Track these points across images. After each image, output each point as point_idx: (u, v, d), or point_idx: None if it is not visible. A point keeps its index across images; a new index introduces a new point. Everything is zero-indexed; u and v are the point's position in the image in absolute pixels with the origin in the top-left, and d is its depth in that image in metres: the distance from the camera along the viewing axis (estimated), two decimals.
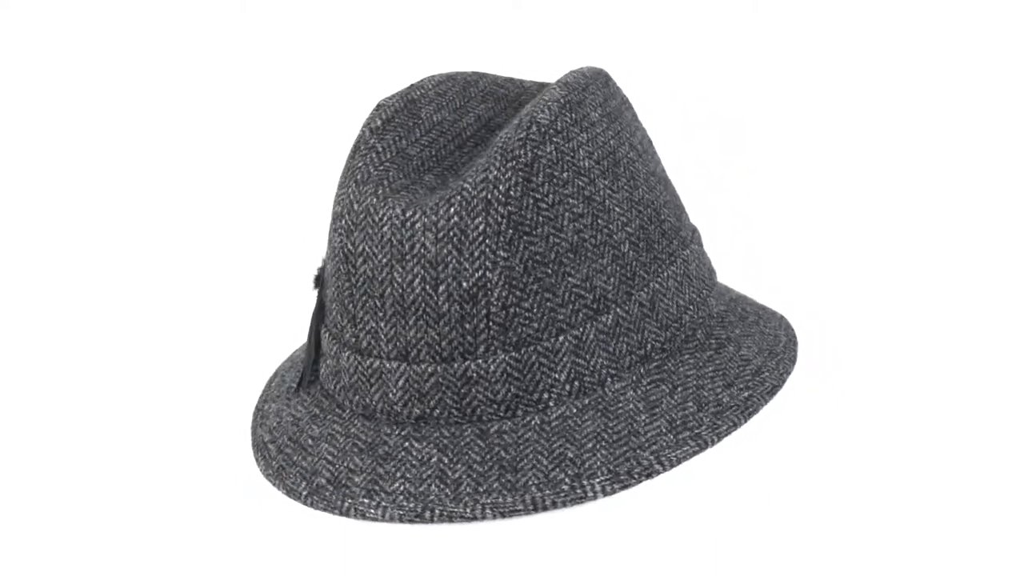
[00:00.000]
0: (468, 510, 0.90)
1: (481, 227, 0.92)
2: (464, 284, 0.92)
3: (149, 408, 1.16)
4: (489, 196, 0.92)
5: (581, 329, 0.94)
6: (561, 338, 0.94)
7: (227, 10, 1.64)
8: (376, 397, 0.96)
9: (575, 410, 0.94)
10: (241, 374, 1.16)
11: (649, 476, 0.91)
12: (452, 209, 0.92)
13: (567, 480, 0.90)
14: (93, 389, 1.20)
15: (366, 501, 0.92)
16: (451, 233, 0.92)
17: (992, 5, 1.48)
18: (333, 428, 0.99)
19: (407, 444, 0.94)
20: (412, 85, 1.06)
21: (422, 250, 0.92)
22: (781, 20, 1.51)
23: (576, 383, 0.95)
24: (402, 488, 0.92)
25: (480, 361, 0.93)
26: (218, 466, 1.06)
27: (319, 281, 1.08)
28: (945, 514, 0.88)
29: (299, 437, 1.00)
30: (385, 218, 0.94)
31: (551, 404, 0.94)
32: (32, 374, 1.24)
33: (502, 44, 1.47)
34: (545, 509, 0.89)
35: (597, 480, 0.90)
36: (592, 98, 1.00)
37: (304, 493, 0.95)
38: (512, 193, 0.92)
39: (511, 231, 0.92)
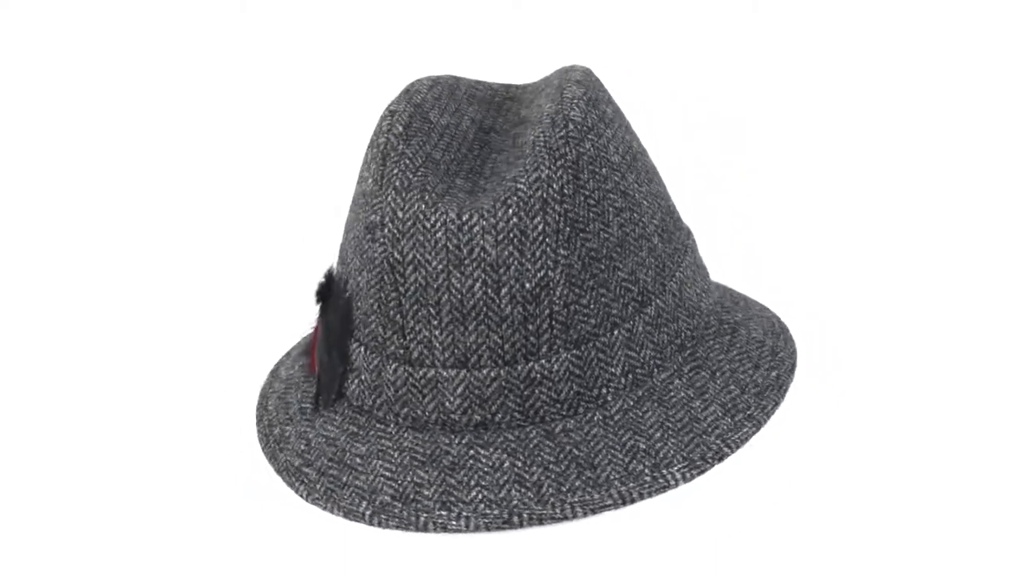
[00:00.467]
0: (557, 510, 0.89)
1: (540, 227, 0.91)
2: (527, 285, 0.91)
3: (149, 409, 1.12)
4: (544, 195, 0.91)
5: (631, 322, 0.96)
6: (615, 332, 0.95)
7: (227, 10, 1.61)
8: (430, 407, 0.94)
9: (632, 403, 0.95)
10: (240, 376, 1.13)
11: (720, 459, 0.93)
12: (510, 210, 0.91)
13: (647, 471, 0.91)
14: (93, 391, 1.15)
15: (444, 513, 0.90)
16: (511, 234, 0.91)
17: (992, 5, 1.51)
18: (381, 444, 0.95)
19: (472, 452, 0.93)
20: (409, 90, 1.03)
21: (482, 254, 0.91)
22: (781, 20, 1.53)
23: (630, 376, 0.96)
24: (480, 496, 0.90)
25: (544, 361, 0.93)
26: (218, 466, 1.03)
27: (324, 295, 1.04)
28: (944, 505, 0.90)
29: (342, 457, 0.96)
30: (438, 224, 0.92)
31: (609, 399, 0.95)
32: (32, 376, 1.19)
33: (502, 44, 1.45)
34: (632, 501, 0.90)
35: (675, 468, 0.91)
36: (602, 95, 1.02)
37: (367, 513, 0.92)
38: (565, 191, 0.92)
39: (568, 229, 0.92)
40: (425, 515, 0.90)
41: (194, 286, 1.31)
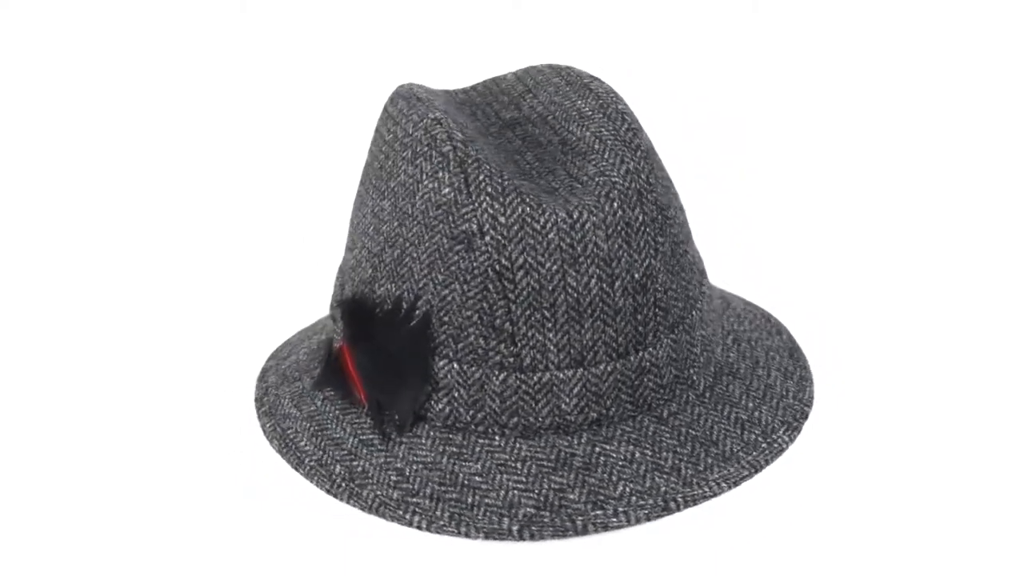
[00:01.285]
0: (705, 489, 0.91)
1: (640, 217, 0.93)
2: (636, 275, 0.93)
3: (149, 409, 1.09)
4: (638, 186, 0.93)
5: (700, 301, 1.00)
6: (694, 312, 0.98)
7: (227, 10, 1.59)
8: (544, 412, 0.92)
9: (711, 379, 0.99)
10: (241, 375, 1.11)
11: (805, 418, 1.00)
12: (615, 203, 0.92)
13: (761, 439, 0.95)
14: (93, 390, 1.12)
15: (599, 513, 0.89)
16: (619, 227, 0.92)
17: (992, 5, 1.54)
18: (498, 457, 0.92)
19: (598, 449, 0.92)
20: (420, 97, 1.00)
21: (595, 249, 0.91)
22: (781, 20, 1.55)
23: (705, 354, 1.00)
24: (629, 489, 0.90)
25: (651, 349, 0.94)
26: (218, 466, 1.01)
27: (362, 320, 0.98)
28: (946, 509, 0.92)
29: (456, 479, 0.92)
30: (549, 224, 0.90)
31: (694, 378, 0.98)
32: (35, 376, 1.16)
33: (502, 44, 1.37)
34: (761, 469, 0.94)
35: (781, 432, 0.97)
36: None
37: (515, 528, 0.88)
38: (651, 180, 0.95)
39: (660, 216, 0.95)
40: (581, 518, 0.88)
41: (192, 286, 1.27)
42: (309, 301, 1.18)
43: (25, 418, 1.09)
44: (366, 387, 0.97)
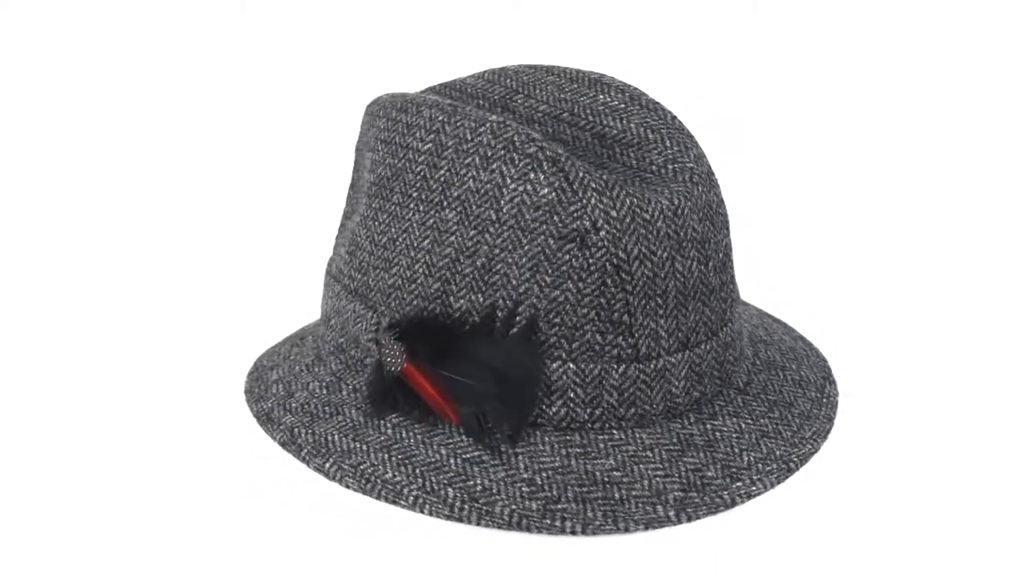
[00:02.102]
0: (808, 447, 0.97)
1: (715, 199, 0.97)
2: (720, 255, 0.97)
3: (150, 409, 1.09)
4: (707, 170, 0.98)
5: (733, 274, 1.06)
6: (737, 288, 1.04)
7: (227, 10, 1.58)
8: (658, 398, 0.94)
9: (751, 348, 1.06)
10: (242, 375, 1.10)
11: (831, 371, 1.09)
12: (700, 187, 0.95)
13: (819, 395, 1.03)
14: (95, 391, 1.12)
15: (739, 485, 0.92)
16: (706, 210, 0.96)
17: (992, 5, 1.55)
18: (626, 450, 0.92)
19: (709, 426, 0.95)
20: (455, 104, 0.98)
21: (693, 233, 0.94)
22: (781, 20, 1.51)
23: (747, 326, 1.06)
24: (753, 458, 0.94)
25: (731, 324, 0.99)
26: (218, 466, 1.00)
27: (423, 333, 0.94)
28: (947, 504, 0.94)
29: (593, 478, 0.90)
30: (657, 213, 0.92)
31: (746, 350, 1.04)
32: (38, 377, 1.15)
33: (502, 44, 1.23)
34: (834, 421, 1.02)
35: (829, 387, 1.06)
36: None
37: (671, 514, 0.89)
38: (709, 163, 0.99)
39: (723, 198, 1.00)
40: (727, 493, 0.91)
41: (191, 284, 1.28)
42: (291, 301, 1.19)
43: (33, 419, 1.07)
44: (461, 404, 0.93)
